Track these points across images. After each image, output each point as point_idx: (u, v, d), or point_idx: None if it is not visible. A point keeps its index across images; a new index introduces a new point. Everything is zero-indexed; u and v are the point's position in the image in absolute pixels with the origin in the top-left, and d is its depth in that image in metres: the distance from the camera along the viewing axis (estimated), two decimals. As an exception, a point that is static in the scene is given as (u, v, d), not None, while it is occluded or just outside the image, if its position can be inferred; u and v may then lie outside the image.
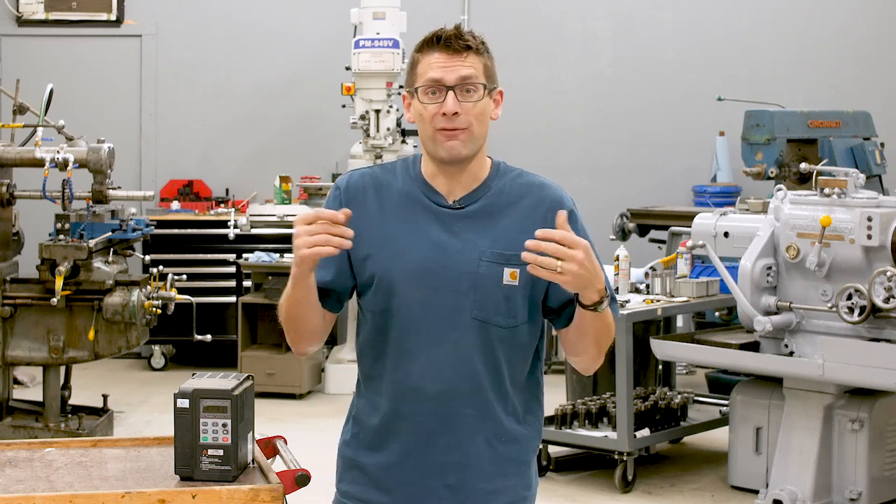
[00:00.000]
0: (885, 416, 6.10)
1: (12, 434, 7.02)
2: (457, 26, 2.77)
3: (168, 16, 10.27)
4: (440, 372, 2.74)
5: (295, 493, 2.71)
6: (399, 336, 2.76)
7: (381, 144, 8.87)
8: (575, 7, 10.30)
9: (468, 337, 2.74)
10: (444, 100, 2.70)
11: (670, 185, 10.05)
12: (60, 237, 6.96)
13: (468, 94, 2.72)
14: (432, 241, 2.76)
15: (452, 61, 2.72)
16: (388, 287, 2.76)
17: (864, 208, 5.78)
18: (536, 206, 2.79)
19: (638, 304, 6.62)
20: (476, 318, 2.74)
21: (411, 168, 2.84)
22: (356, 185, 2.83)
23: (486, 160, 2.84)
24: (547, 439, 6.67)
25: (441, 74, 2.71)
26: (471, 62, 2.73)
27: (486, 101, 2.75)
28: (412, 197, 2.79)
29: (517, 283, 2.75)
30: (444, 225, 2.77)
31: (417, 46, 2.78)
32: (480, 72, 2.74)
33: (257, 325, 8.85)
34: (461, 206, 2.78)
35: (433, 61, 2.72)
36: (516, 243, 2.73)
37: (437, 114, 2.71)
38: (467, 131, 2.72)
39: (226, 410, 2.65)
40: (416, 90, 2.74)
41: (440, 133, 2.71)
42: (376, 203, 2.80)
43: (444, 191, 2.79)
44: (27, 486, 2.65)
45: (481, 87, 2.73)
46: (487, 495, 2.80)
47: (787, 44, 10.15)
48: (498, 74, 2.81)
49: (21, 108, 7.30)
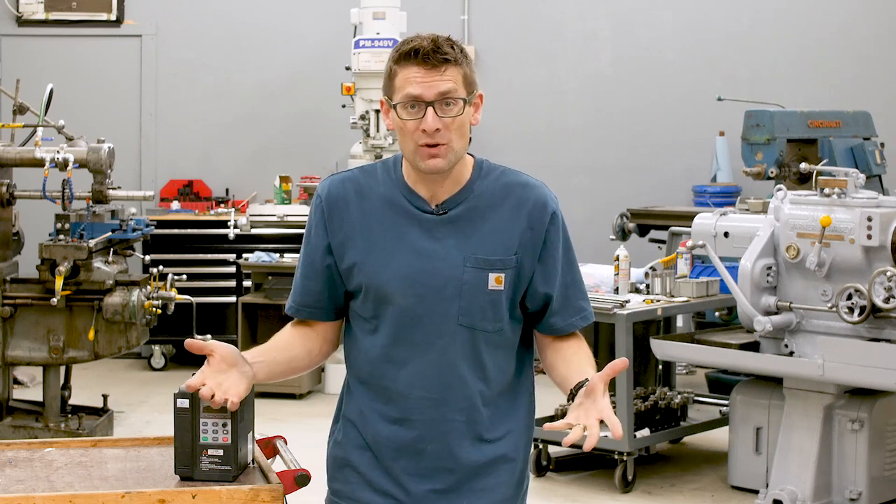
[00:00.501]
0: (885, 416, 6.10)
1: (12, 434, 7.02)
2: (434, 40, 2.68)
3: (168, 16, 10.27)
4: (428, 378, 2.74)
5: (295, 493, 2.71)
6: (386, 343, 2.76)
7: (381, 144, 8.86)
8: (575, 7, 10.29)
9: (455, 343, 2.74)
10: (424, 116, 2.65)
11: (670, 185, 10.05)
12: (60, 237, 6.96)
13: (448, 107, 2.67)
14: (416, 248, 2.74)
15: (431, 76, 2.66)
16: (374, 295, 2.75)
17: (864, 208, 5.77)
18: (520, 207, 2.77)
19: (638, 304, 6.62)
20: (462, 325, 2.73)
21: (392, 171, 2.81)
22: (337, 192, 2.80)
23: (468, 159, 2.80)
24: (547, 439, 6.67)
25: (420, 91, 2.65)
26: (449, 75, 2.67)
27: (466, 112, 2.70)
28: (394, 202, 2.77)
29: (502, 287, 2.74)
30: (427, 231, 2.75)
31: (394, 57, 2.70)
32: (460, 83, 2.68)
33: (257, 325, 8.85)
34: (444, 210, 2.76)
35: (411, 76, 2.66)
36: (500, 248, 2.73)
37: (417, 129, 2.67)
38: (447, 146, 2.68)
39: (226, 410, 2.65)
40: (394, 106, 2.69)
41: (421, 148, 2.68)
42: (359, 210, 2.78)
43: (427, 195, 2.77)
44: (27, 486, 2.65)
45: (461, 101, 2.68)
46: (478, 493, 2.80)
47: (787, 44, 10.15)
48: (496, 75, 2.81)
49: (21, 108, 7.29)
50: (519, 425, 2.85)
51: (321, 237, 2.80)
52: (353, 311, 2.83)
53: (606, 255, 7.28)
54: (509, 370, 2.82)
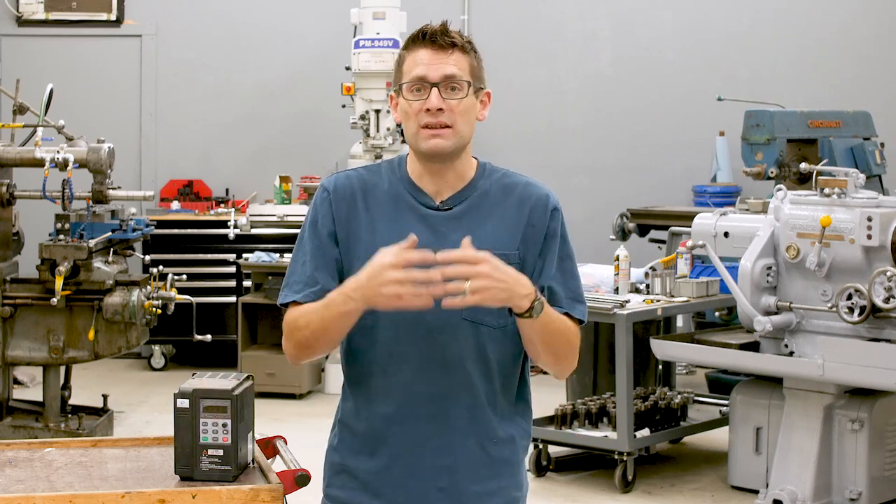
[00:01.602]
0: (885, 416, 6.10)
1: (12, 434, 7.02)
2: (443, 23, 2.75)
3: (168, 16, 10.27)
4: (431, 373, 2.74)
5: (295, 493, 2.71)
6: (389, 339, 2.75)
7: (381, 144, 8.87)
8: (575, 7, 10.29)
9: (459, 338, 2.74)
10: (428, 96, 2.69)
11: (670, 185, 10.05)
12: (60, 237, 6.96)
13: (453, 91, 2.71)
14: (420, 243, 2.74)
15: (438, 58, 2.71)
16: None
17: (864, 208, 5.77)
18: (521, 204, 2.79)
19: (638, 304, 6.62)
20: (466, 319, 2.73)
21: (397, 169, 2.82)
22: (343, 186, 2.81)
23: (472, 160, 2.83)
24: (547, 439, 6.68)
25: (426, 71, 2.70)
26: (456, 60, 2.72)
27: (471, 99, 2.74)
28: (399, 198, 2.78)
29: None
30: (430, 227, 2.75)
31: (404, 44, 2.77)
32: (466, 70, 2.73)
33: (257, 325, 8.85)
34: (448, 206, 2.77)
35: (419, 58, 2.72)
36: (503, 243, 2.74)
37: (420, 110, 2.70)
38: (451, 129, 2.71)
39: (226, 410, 2.65)
40: (401, 87, 2.73)
41: (424, 129, 2.71)
42: (364, 206, 2.79)
43: (431, 191, 2.78)
44: (27, 486, 2.65)
45: (466, 84, 2.72)
46: (480, 497, 2.79)
47: (787, 44, 10.15)
48: (496, 75, 2.82)
49: (21, 108, 7.30)
50: (521, 430, 2.85)
51: (328, 226, 2.79)
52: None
53: (606, 255, 7.28)
54: (513, 370, 2.82)
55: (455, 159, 2.76)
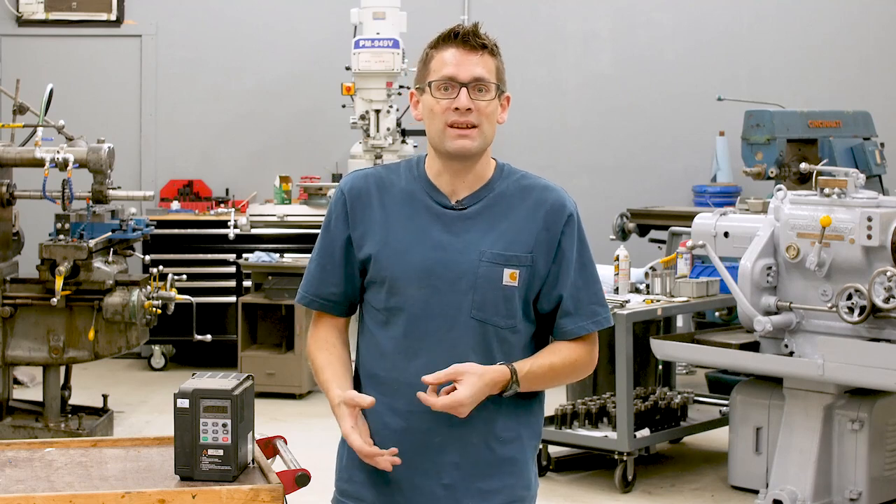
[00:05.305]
0: (885, 416, 6.10)
1: (12, 434, 7.02)
2: (475, 25, 2.78)
3: (168, 16, 10.26)
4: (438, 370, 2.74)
5: (295, 493, 2.71)
6: (399, 335, 2.78)
7: (381, 144, 8.87)
8: (575, 7, 10.30)
9: (466, 336, 2.75)
10: (458, 96, 2.71)
11: (670, 185, 10.06)
12: (60, 237, 6.95)
13: (480, 93, 2.74)
14: (433, 241, 2.77)
15: (467, 59, 2.73)
16: (389, 286, 2.78)
17: (864, 208, 5.77)
18: (537, 207, 2.81)
19: (638, 304, 6.62)
20: (475, 318, 2.75)
21: (415, 168, 2.85)
22: (359, 186, 2.84)
23: (491, 161, 2.85)
24: (547, 439, 6.67)
25: (455, 71, 2.72)
26: (484, 62, 2.75)
27: (496, 102, 2.77)
28: (415, 196, 2.81)
29: (517, 283, 2.76)
30: (445, 225, 2.78)
31: (432, 42, 2.78)
32: (493, 73, 2.76)
33: (257, 325, 8.85)
34: (463, 206, 2.79)
35: (448, 57, 2.74)
36: (516, 245, 2.75)
37: (448, 108, 2.72)
38: (477, 129, 2.74)
39: (226, 410, 2.65)
40: (429, 84, 2.74)
41: (451, 128, 2.72)
42: (379, 203, 2.81)
43: (448, 190, 2.80)
44: (27, 486, 2.65)
45: (494, 87, 2.75)
46: (485, 494, 2.80)
47: (787, 44, 10.15)
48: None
49: (21, 108, 7.29)
50: (529, 429, 2.86)
51: (341, 230, 2.83)
52: (368, 303, 2.85)
53: (606, 255, 7.28)
54: None
55: (477, 160, 2.79)
